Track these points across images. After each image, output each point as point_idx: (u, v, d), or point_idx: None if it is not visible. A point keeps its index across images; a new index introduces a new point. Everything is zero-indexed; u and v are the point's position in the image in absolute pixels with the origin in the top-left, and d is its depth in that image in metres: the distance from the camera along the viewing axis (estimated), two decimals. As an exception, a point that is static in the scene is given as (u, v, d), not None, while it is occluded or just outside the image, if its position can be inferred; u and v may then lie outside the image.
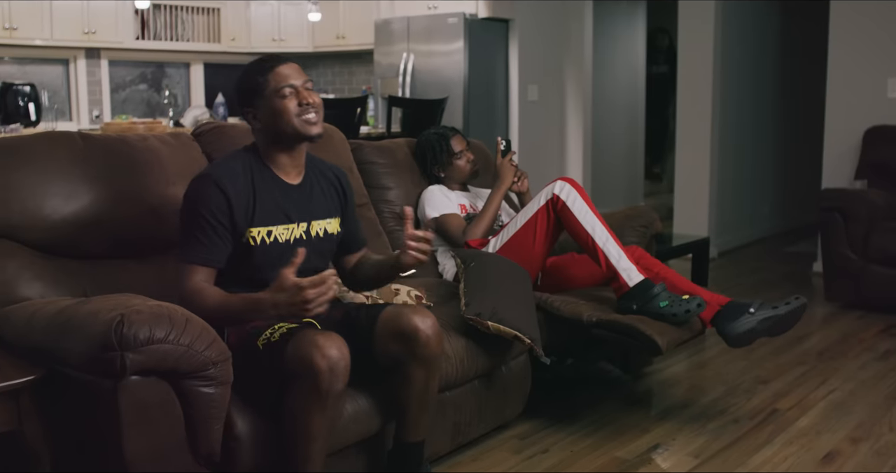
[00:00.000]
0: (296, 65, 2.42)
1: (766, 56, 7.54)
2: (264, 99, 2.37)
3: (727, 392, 3.65)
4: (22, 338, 2.24)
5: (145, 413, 2.02)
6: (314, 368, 2.06)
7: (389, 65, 7.15)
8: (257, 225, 2.35)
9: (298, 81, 2.38)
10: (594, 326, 3.05)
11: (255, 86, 2.38)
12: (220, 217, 2.29)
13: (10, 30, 6.64)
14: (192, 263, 2.29)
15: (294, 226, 2.43)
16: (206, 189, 2.30)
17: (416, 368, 2.39)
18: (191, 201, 2.32)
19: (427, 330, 2.35)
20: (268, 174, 2.41)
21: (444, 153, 3.68)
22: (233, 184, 2.32)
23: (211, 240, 2.29)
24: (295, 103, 2.36)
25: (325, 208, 2.52)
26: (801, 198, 8.10)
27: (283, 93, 2.35)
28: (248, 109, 2.41)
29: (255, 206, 2.35)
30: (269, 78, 2.37)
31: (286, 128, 2.36)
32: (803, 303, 3.09)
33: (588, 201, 3.19)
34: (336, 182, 2.59)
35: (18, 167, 2.51)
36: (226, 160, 2.41)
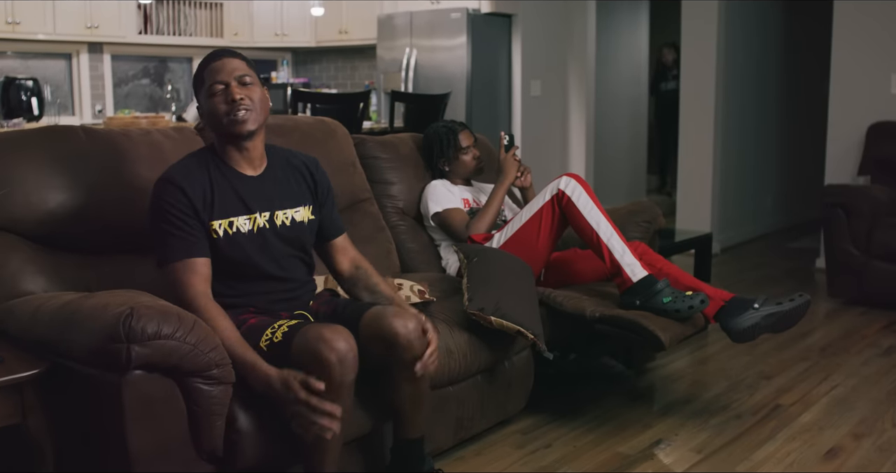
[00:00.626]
0: (234, 59, 2.37)
1: (769, 52, 7.53)
2: (203, 97, 2.37)
3: (730, 387, 3.65)
4: (26, 332, 2.24)
5: (149, 408, 2.02)
6: (324, 362, 2.06)
7: (392, 60, 7.15)
8: (217, 217, 2.33)
9: (230, 77, 2.34)
10: (597, 321, 3.04)
11: (197, 83, 2.39)
12: (185, 208, 2.28)
13: (13, 24, 6.64)
14: (178, 260, 2.25)
15: (255, 215, 2.40)
16: (163, 190, 2.29)
17: (402, 373, 2.35)
18: (153, 205, 2.31)
19: (408, 335, 2.27)
20: (224, 168, 2.39)
21: (452, 147, 3.67)
22: (187, 181, 2.30)
23: (186, 232, 2.27)
24: (223, 102, 2.33)
25: (290, 197, 2.48)
26: (804, 193, 8.10)
27: (213, 90, 2.34)
28: (198, 106, 2.42)
29: (214, 199, 2.33)
30: (205, 75, 2.36)
31: (221, 127, 2.35)
32: (807, 300, 3.08)
33: (593, 197, 3.18)
34: (304, 169, 2.56)
35: (21, 161, 2.51)
36: (181, 160, 2.40)
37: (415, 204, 3.66)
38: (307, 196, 2.54)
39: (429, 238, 3.65)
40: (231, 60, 2.36)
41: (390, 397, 2.44)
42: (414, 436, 2.52)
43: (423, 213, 3.61)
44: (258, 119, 2.37)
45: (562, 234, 3.31)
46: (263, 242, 2.40)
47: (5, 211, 2.45)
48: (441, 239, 3.60)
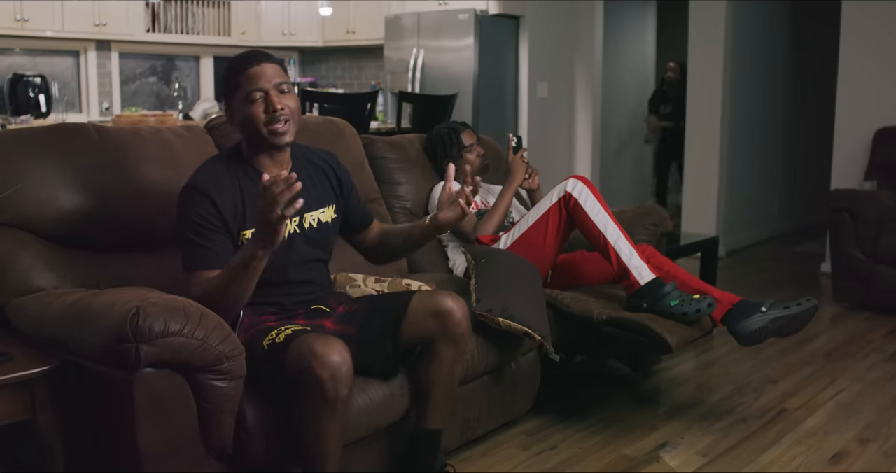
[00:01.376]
0: (272, 65, 2.33)
1: (777, 56, 7.53)
2: (236, 102, 2.33)
3: (735, 391, 3.65)
4: (37, 329, 2.25)
5: (159, 405, 2.02)
6: (315, 379, 2.04)
7: (399, 60, 7.15)
8: (249, 226, 2.32)
9: (269, 84, 2.31)
10: (604, 324, 3.05)
11: (229, 86, 2.35)
12: (213, 219, 2.26)
13: (22, 21, 6.65)
14: (199, 269, 2.25)
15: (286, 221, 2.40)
16: (190, 198, 2.27)
17: (446, 346, 2.44)
18: (181, 212, 2.29)
19: (459, 311, 2.42)
20: (252, 173, 2.36)
21: (454, 146, 3.68)
22: (217, 190, 2.28)
23: (212, 242, 2.26)
24: (263, 110, 2.30)
25: (316, 198, 2.48)
26: (809, 198, 8.10)
27: (252, 97, 2.30)
28: (226, 107, 2.40)
29: (245, 208, 2.32)
30: (242, 80, 2.31)
31: (254, 134, 2.33)
32: (814, 305, 3.09)
33: (600, 199, 3.19)
34: (326, 166, 2.56)
35: (33, 159, 2.52)
36: (208, 164, 2.38)
37: (423, 204, 3.67)
38: (331, 195, 2.55)
39: (436, 238, 3.65)
40: (269, 66, 2.33)
41: (426, 374, 2.48)
42: (434, 427, 2.55)
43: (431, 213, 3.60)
44: (295, 129, 2.36)
45: (569, 236, 3.31)
46: (291, 248, 2.40)
47: (16, 208, 2.46)
48: (448, 239, 3.60)
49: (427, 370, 2.49)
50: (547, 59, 7.22)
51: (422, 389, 2.52)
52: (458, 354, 2.49)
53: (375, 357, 2.39)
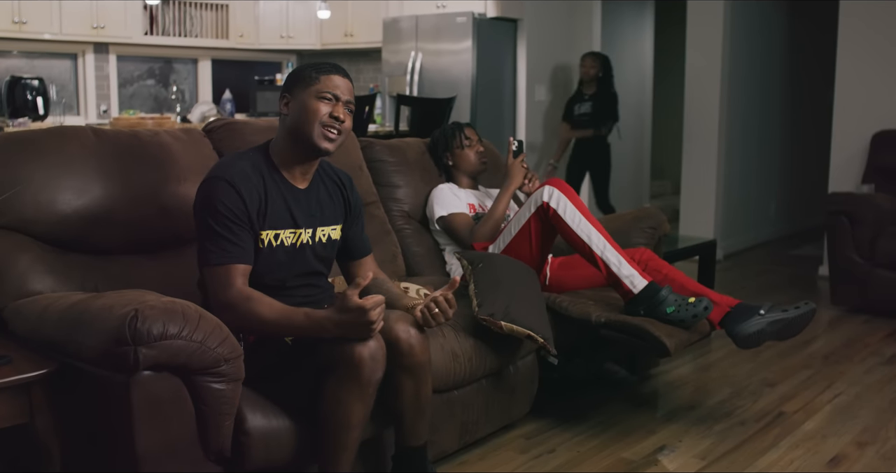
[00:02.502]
0: (350, 83, 2.41)
1: (774, 59, 7.54)
2: (304, 93, 2.35)
3: (733, 394, 3.66)
4: (34, 332, 2.25)
5: (157, 408, 2.02)
6: (357, 358, 2.09)
7: (398, 63, 7.15)
8: (267, 228, 2.33)
9: (343, 96, 2.37)
10: (602, 327, 3.05)
11: (304, 78, 2.37)
12: (240, 214, 2.26)
13: (20, 24, 6.65)
14: (228, 263, 2.23)
15: (301, 230, 2.41)
16: (220, 189, 2.26)
17: (404, 378, 2.35)
18: (207, 202, 2.27)
19: (410, 339, 2.30)
20: (277, 176, 2.38)
21: (455, 139, 3.70)
22: (245, 185, 2.29)
23: (239, 238, 2.25)
24: (328, 111, 2.34)
25: (331, 215, 2.50)
26: (807, 200, 8.11)
27: (324, 95, 2.34)
28: (285, 95, 2.39)
29: (266, 208, 2.33)
30: (322, 78, 2.35)
31: (306, 128, 2.33)
32: (812, 308, 3.09)
33: (579, 205, 3.13)
34: (341, 187, 2.56)
35: (31, 161, 2.52)
36: (234, 160, 2.37)
37: (420, 208, 3.67)
38: (341, 214, 2.54)
39: (433, 242, 3.66)
40: (349, 83, 2.40)
41: (392, 402, 2.42)
42: (416, 444, 2.50)
43: (429, 217, 3.62)
44: (339, 147, 2.40)
45: (553, 242, 3.29)
46: (299, 257, 2.41)
47: (14, 211, 2.46)
48: (446, 243, 3.61)
49: (391, 400, 2.39)
50: (545, 61, 7.23)
51: (392, 414, 2.45)
52: (420, 382, 2.38)
53: None
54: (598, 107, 6.59)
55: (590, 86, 6.68)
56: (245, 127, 3.10)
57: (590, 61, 6.64)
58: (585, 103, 6.67)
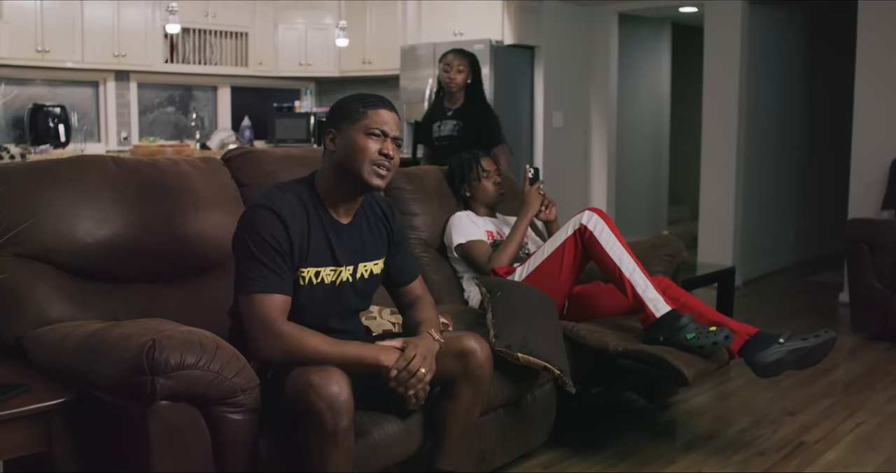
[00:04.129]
0: (397, 117, 2.36)
1: (791, 83, 7.53)
2: (351, 129, 2.30)
3: (753, 423, 3.62)
4: (53, 360, 2.26)
5: (174, 437, 2.02)
6: (314, 410, 2.03)
7: (415, 90, 7.19)
8: (308, 265, 2.29)
9: (392, 132, 2.32)
10: (620, 356, 3.03)
11: (350, 112, 2.32)
12: (284, 246, 2.22)
13: (43, 52, 6.73)
14: (267, 293, 2.19)
15: (342, 269, 2.37)
16: (266, 218, 2.22)
17: (467, 387, 2.42)
18: (251, 229, 2.22)
19: (482, 353, 2.41)
20: (322, 211, 2.34)
21: (472, 171, 3.71)
22: (292, 218, 2.25)
23: (281, 269, 2.22)
24: (377, 149, 2.29)
25: (373, 250, 2.46)
26: (825, 227, 8.06)
27: (372, 132, 2.29)
28: (330, 130, 2.34)
29: (309, 245, 2.28)
30: (369, 113, 2.30)
31: (355, 166, 2.29)
32: (832, 337, 3.07)
33: (615, 231, 3.19)
34: (384, 217, 2.51)
35: (51, 190, 2.54)
36: (281, 191, 2.31)
37: (438, 235, 3.68)
38: (384, 247, 2.50)
39: (452, 269, 3.66)
40: (396, 116, 2.36)
41: (443, 413, 2.45)
42: (447, 469, 2.50)
43: (447, 244, 3.62)
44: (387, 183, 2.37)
45: (584, 268, 3.31)
46: (339, 295, 2.38)
47: (34, 239, 2.48)
48: (464, 270, 3.61)
49: (445, 410, 2.45)
50: (562, 88, 7.25)
51: (437, 428, 2.47)
52: (478, 395, 2.46)
53: (394, 394, 2.34)
54: (470, 130, 4.71)
55: (455, 99, 4.80)
56: (263, 156, 3.12)
57: (457, 62, 4.74)
58: (448, 122, 4.79)
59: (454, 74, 4.71)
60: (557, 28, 7.13)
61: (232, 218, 2.86)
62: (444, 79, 4.74)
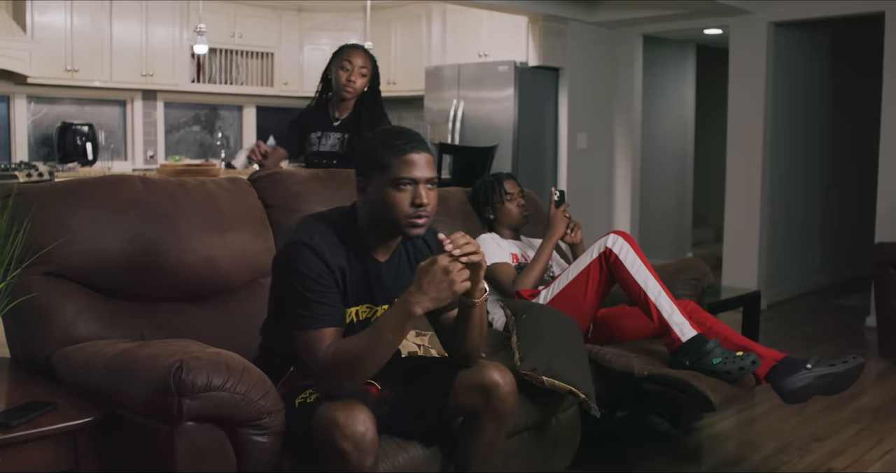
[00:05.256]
0: (427, 156, 2.22)
1: (817, 105, 7.50)
2: (380, 180, 2.19)
3: (779, 449, 3.58)
4: (81, 379, 2.27)
5: (200, 458, 2.03)
6: (339, 449, 1.99)
7: (440, 111, 7.22)
8: (347, 305, 2.25)
9: (423, 176, 2.19)
10: (646, 380, 3.01)
11: (377, 161, 2.20)
12: (328, 277, 2.16)
13: (72, 71, 6.81)
14: (318, 328, 2.11)
15: (378, 308, 2.33)
16: (308, 257, 2.15)
17: (490, 421, 2.35)
18: (294, 267, 2.15)
19: (506, 387, 2.31)
20: (362, 249, 2.27)
21: (496, 193, 3.71)
22: (333, 258, 2.18)
23: (329, 300, 2.15)
24: (409, 200, 2.18)
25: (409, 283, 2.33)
26: (852, 249, 8.00)
27: (401, 183, 2.17)
28: (360, 178, 2.24)
29: (346, 285, 2.23)
30: (396, 162, 2.17)
31: (389, 219, 2.21)
32: (861, 363, 3.03)
33: (640, 255, 3.18)
34: (424, 248, 2.43)
35: (80, 210, 2.56)
36: (320, 226, 2.23)
37: (463, 257, 3.66)
38: None
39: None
40: (425, 157, 2.21)
41: (466, 446, 2.40)
42: None
43: (471, 266, 3.61)
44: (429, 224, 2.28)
45: (609, 291, 3.30)
46: None
47: (63, 258, 2.50)
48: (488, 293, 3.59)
49: (468, 443, 2.39)
50: (586, 110, 7.26)
51: (461, 461, 2.43)
52: (501, 428, 2.38)
53: (418, 425, 2.32)
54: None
55: (344, 106, 4.01)
56: (290, 177, 3.13)
57: (360, 61, 3.94)
58: (331, 135, 4.00)
59: (356, 77, 3.92)
60: (582, 49, 7.15)
61: (258, 238, 2.90)
62: (341, 80, 3.91)
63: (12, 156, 6.83)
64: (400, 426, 2.29)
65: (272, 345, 2.38)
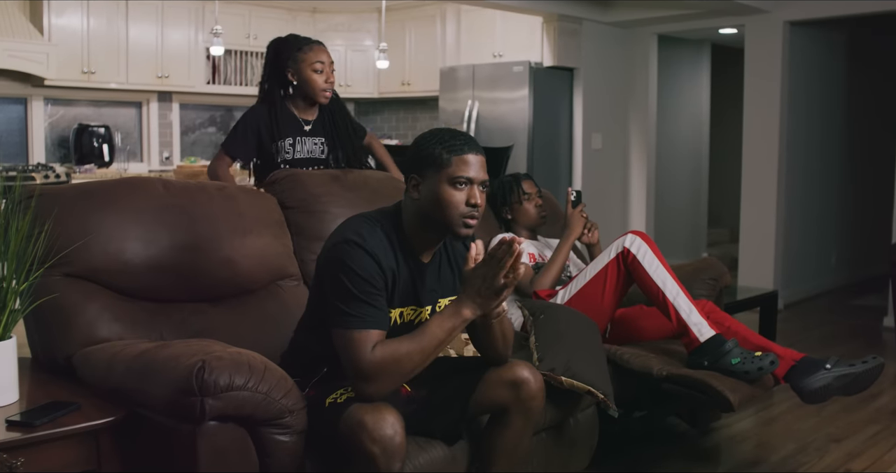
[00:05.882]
0: (483, 158, 2.23)
1: (833, 104, 7.47)
2: (436, 177, 2.19)
3: (798, 450, 3.57)
4: (102, 380, 2.28)
5: (222, 458, 2.03)
6: (367, 452, 1.99)
7: (454, 111, 7.23)
8: (393, 306, 2.26)
9: (479, 178, 2.20)
10: (664, 380, 3.01)
11: (434, 159, 2.20)
12: (380, 281, 2.16)
13: (89, 73, 6.85)
14: (365, 328, 2.09)
15: (422, 309, 2.34)
16: (362, 257, 2.14)
17: (518, 417, 2.36)
18: (346, 266, 2.13)
19: (535, 384, 2.34)
20: (408, 251, 2.26)
21: (514, 194, 3.71)
22: (385, 259, 2.18)
23: (379, 302, 2.14)
24: (464, 200, 2.18)
25: (451, 285, 2.39)
26: (868, 250, 7.96)
27: (458, 181, 2.18)
28: (413, 176, 2.24)
29: (395, 286, 2.24)
30: (454, 160, 2.18)
31: (442, 218, 2.20)
32: (881, 363, 3.02)
33: (659, 255, 3.17)
34: (461, 254, 2.42)
35: (101, 211, 2.58)
36: (370, 226, 2.21)
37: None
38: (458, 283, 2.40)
39: (493, 291, 3.64)
40: (482, 159, 2.23)
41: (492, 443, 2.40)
42: None
43: (488, 266, 3.61)
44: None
45: (627, 291, 3.30)
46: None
47: (84, 260, 2.51)
48: (505, 292, 3.60)
49: (494, 439, 2.40)
50: (601, 110, 7.25)
51: (485, 459, 2.43)
52: (528, 426, 2.40)
53: (441, 422, 2.33)
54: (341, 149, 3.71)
55: (312, 109, 3.68)
56: (308, 179, 3.14)
57: (327, 57, 3.63)
58: (307, 140, 3.64)
59: (330, 75, 3.61)
60: (597, 50, 7.14)
61: (278, 241, 2.91)
62: (318, 84, 3.57)
63: (29, 158, 6.87)
64: (423, 423, 2.29)
65: (307, 344, 2.38)
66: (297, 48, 3.51)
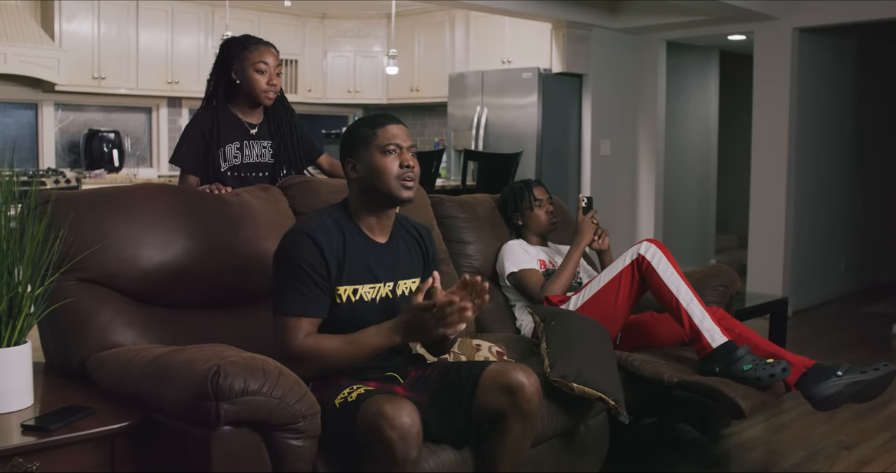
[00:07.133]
0: (405, 127, 2.44)
1: (842, 111, 7.47)
2: (367, 152, 2.39)
3: (808, 457, 3.57)
4: (117, 384, 2.29)
5: (236, 463, 2.04)
6: (385, 439, 2.04)
7: (463, 117, 7.24)
8: (345, 283, 2.36)
9: (405, 143, 2.40)
10: (676, 387, 3.01)
11: (361, 138, 2.40)
12: (318, 268, 2.30)
13: (99, 79, 6.89)
14: (296, 315, 2.29)
15: (380, 285, 2.43)
16: (301, 242, 2.31)
17: (516, 422, 2.37)
18: (286, 254, 2.32)
19: (531, 387, 2.36)
20: (357, 232, 2.42)
21: (525, 200, 3.72)
22: (326, 240, 2.32)
23: (312, 292, 2.30)
24: (397, 164, 2.37)
25: (411, 267, 2.52)
26: (876, 256, 7.95)
27: (387, 149, 2.37)
28: (349, 160, 2.43)
29: (345, 264, 2.35)
30: (378, 132, 2.39)
31: (382, 186, 2.37)
32: (892, 370, 3.02)
33: (673, 262, 3.18)
34: (419, 240, 2.59)
35: (116, 217, 2.59)
36: (317, 215, 2.42)
37: (490, 263, 3.68)
38: (419, 268, 2.56)
39: (504, 298, 3.66)
40: (404, 128, 2.43)
41: (494, 449, 2.42)
42: None
43: (499, 273, 3.63)
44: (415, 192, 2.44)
45: (640, 299, 3.30)
46: (381, 312, 2.40)
47: (99, 265, 2.53)
48: (516, 299, 3.61)
49: (495, 446, 2.41)
50: (610, 116, 7.25)
51: (488, 464, 2.45)
52: (528, 430, 2.42)
53: (447, 428, 2.35)
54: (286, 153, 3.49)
55: (257, 112, 3.48)
56: (321, 186, 3.15)
57: (275, 61, 3.40)
58: (255, 144, 3.45)
59: (277, 80, 3.41)
60: (605, 56, 7.15)
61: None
62: (259, 85, 3.36)
63: (40, 163, 6.90)
64: (431, 428, 2.31)
65: None
66: (244, 47, 3.36)
